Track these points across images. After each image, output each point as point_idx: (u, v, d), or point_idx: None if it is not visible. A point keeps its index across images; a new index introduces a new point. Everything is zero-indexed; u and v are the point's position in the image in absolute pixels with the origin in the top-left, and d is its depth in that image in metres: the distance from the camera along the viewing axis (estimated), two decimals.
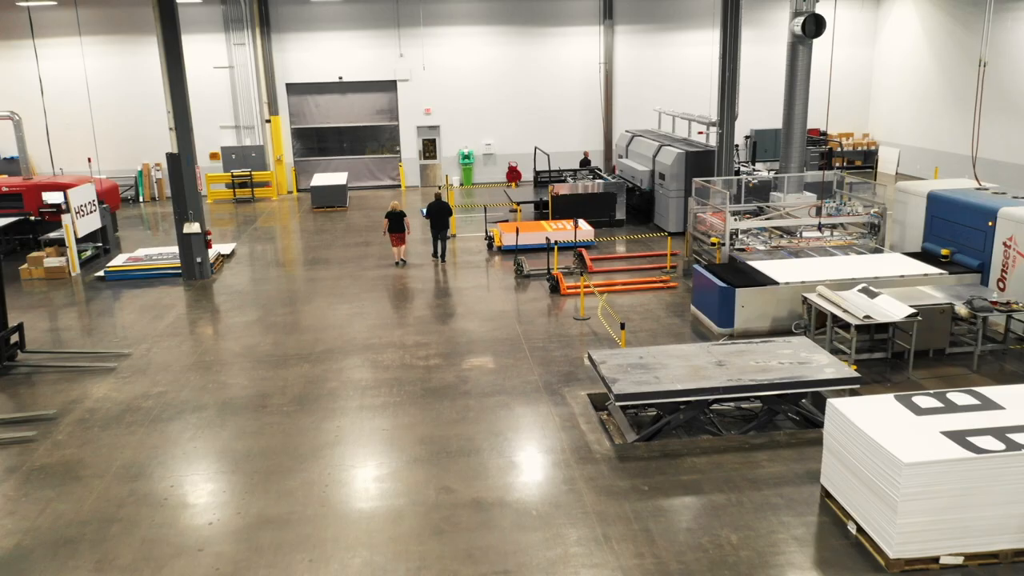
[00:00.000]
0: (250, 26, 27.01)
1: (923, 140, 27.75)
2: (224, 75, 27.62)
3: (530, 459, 9.35)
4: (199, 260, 17.39)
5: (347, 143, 29.40)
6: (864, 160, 30.04)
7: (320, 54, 27.91)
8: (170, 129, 16.79)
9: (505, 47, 28.52)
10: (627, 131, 25.45)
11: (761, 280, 13.17)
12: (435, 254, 18.42)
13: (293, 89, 28.27)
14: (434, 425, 10.25)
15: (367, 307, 15.32)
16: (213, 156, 27.92)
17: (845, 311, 11.37)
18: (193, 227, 17.16)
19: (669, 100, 27.61)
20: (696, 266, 14.23)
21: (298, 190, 28.55)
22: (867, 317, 11.04)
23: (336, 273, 17.84)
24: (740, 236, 15.38)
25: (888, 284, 12.78)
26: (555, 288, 15.84)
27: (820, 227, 15.36)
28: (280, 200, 27.44)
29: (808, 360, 10.10)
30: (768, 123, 27.70)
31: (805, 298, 12.26)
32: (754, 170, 21.79)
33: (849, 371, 9.79)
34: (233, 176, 27.15)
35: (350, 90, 28.57)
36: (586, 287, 14.53)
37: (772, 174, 20.93)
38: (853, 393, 9.65)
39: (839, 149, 29.21)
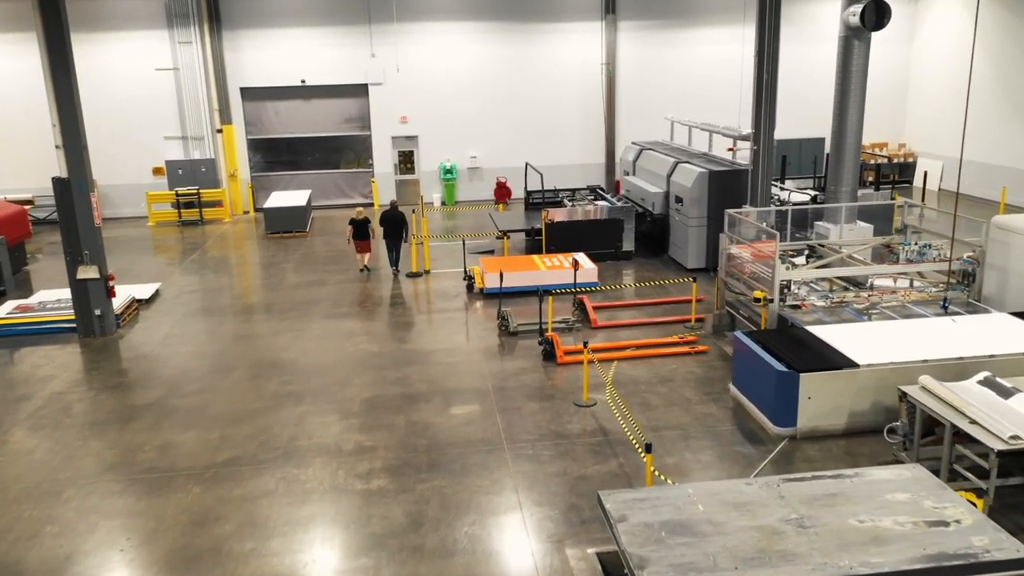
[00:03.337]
0: (197, 22, 23.36)
1: (971, 152, 24.13)
2: (168, 78, 23.93)
3: None
4: (98, 312, 13.74)
5: (312, 156, 25.68)
6: (900, 174, 26.48)
7: (279, 54, 24.22)
8: (57, 147, 13.15)
9: (492, 46, 24.85)
10: (634, 143, 21.82)
11: (832, 360, 9.54)
12: (392, 264, 17.59)
13: (248, 94, 24.55)
14: None
15: (302, 382, 11.67)
16: (157, 171, 24.28)
17: (973, 422, 7.77)
18: (90, 271, 13.53)
19: (681, 107, 24.01)
20: (738, 334, 10.57)
21: (256, 209, 24.83)
22: (1015, 438, 7.44)
23: (275, 327, 14.20)
24: (793, 288, 11.80)
25: (1009, 367, 9.20)
26: (549, 354, 12.20)
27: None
28: (234, 222, 23.77)
29: (939, 516, 6.46)
30: (790, 132, 24.00)
31: (904, 394, 8.64)
32: (782, 188, 18.15)
33: (1014, 545, 6.17)
34: (178, 195, 23.48)
35: (315, 95, 24.86)
36: (590, 355, 10.86)
37: (810, 197, 17.38)
38: None
39: (886, 163, 25.61)
